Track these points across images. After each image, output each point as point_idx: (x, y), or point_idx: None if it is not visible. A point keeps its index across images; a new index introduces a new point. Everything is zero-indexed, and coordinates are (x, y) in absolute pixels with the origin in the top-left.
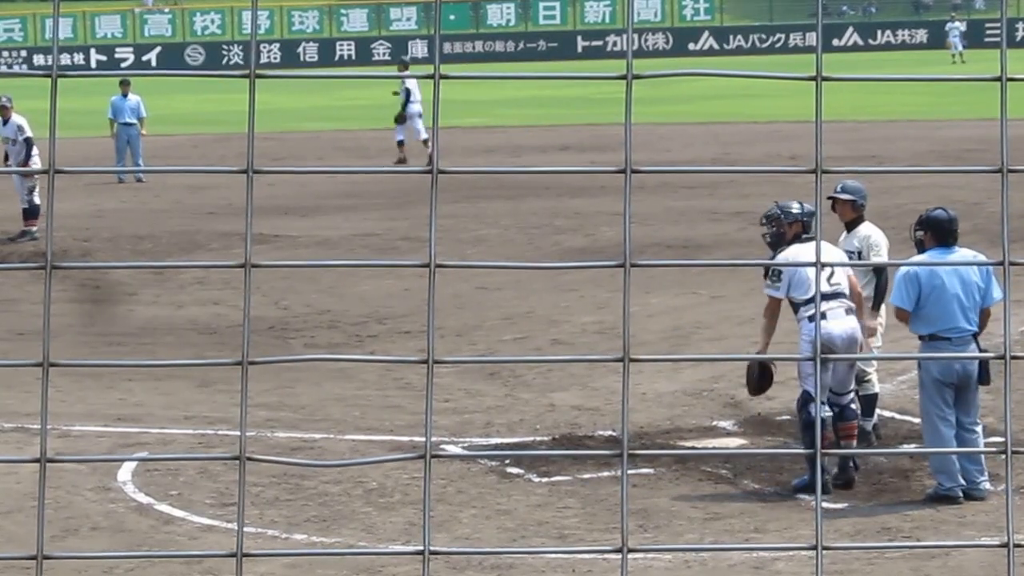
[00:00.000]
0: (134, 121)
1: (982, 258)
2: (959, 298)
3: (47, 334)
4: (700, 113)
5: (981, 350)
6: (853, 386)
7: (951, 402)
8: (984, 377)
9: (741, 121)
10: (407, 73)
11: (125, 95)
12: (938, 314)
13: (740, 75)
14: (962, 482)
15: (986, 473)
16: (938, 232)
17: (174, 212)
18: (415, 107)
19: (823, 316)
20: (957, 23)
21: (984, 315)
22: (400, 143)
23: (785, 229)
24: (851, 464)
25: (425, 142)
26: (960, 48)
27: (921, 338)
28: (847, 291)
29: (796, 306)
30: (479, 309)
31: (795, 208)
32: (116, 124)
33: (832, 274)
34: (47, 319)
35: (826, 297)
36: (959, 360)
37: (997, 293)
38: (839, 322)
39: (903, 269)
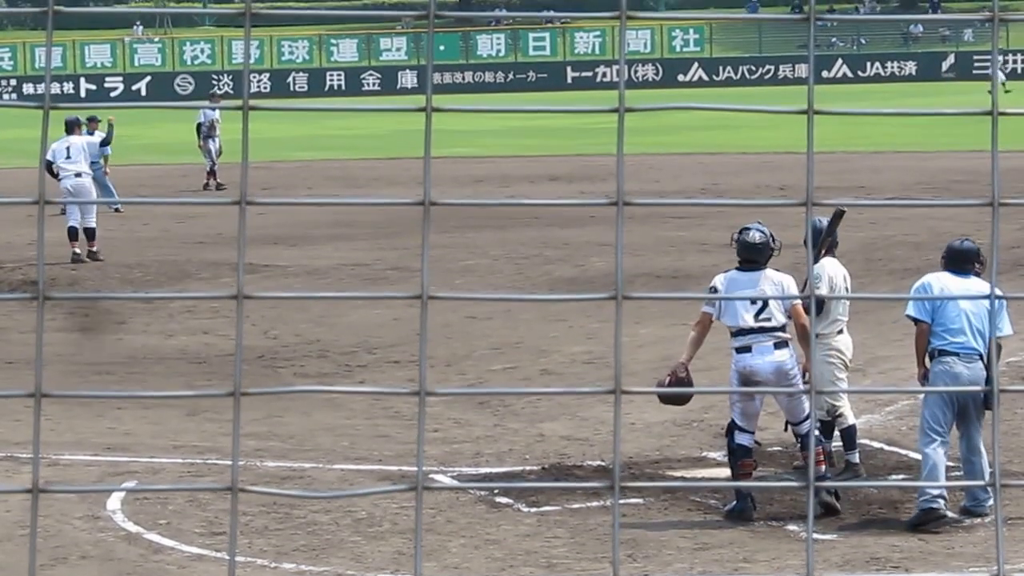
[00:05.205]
0: (97, 159)
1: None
2: (967, 315)
3: (39, 364)
4: (689, 144)
5: (989, 376)
6: (807, 414)
7: (950, 418)
8: (990, 401)
9: (730, 152)
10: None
11: (91, 133)
12: (947, 327)
13: (733, 108)
14: (945, 495)
15: (989, 490)
16: (949, 258)
17: (163, 241)
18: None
19: (748, 349)
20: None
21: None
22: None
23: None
24: (827, 491)
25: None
26: (1003, 78)
27: (929, 353)
28: (779, 324)
29: (731, 334)
30: (468, 339)
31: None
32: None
33: (762, 308)
34: (39, 349)
35: (752, 332)
36: (966, 378)
37: (1006, 328)
38: (764, 356)
39: (916, 283)
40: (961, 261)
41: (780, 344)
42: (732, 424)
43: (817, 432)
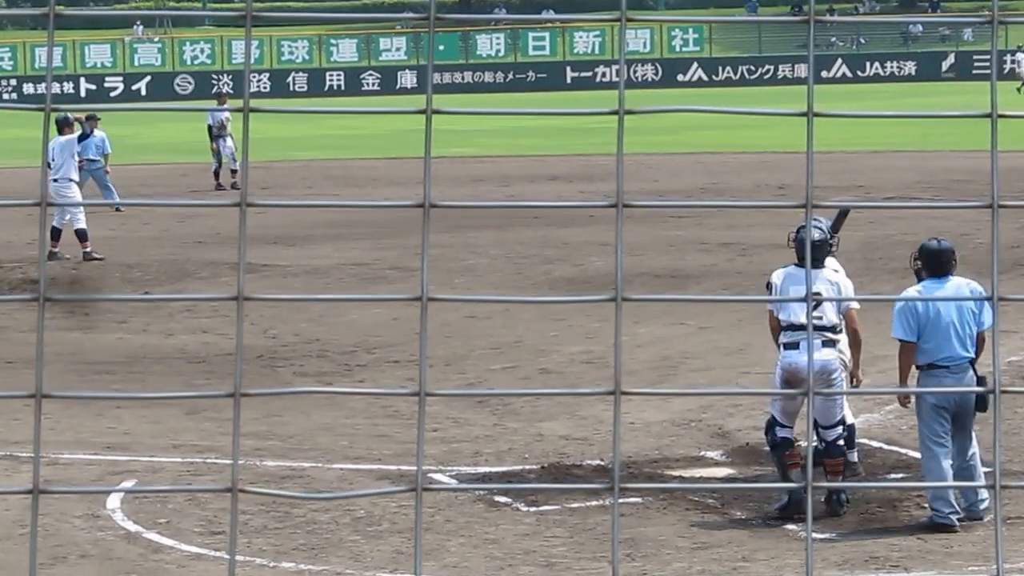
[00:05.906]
0: (98, 158)
1: (975, 285)
2: (955, 326)
3: (40, 365)
4: (687, 143)
5: (979, 377)
6: (840, 419)
7: (948, 428)
8: (982, 404)
9: (729, 151)
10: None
11: (91, 131)
12: (935, 344)
13: (734, 111)
14: (957, 508)
15: (986, 492)
16: (929, 262)
17: (162, 240)
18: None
19: (796, 346)
20: (1021, 53)
21: (980, 340)
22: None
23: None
24: (835, 497)
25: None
26: None
27: (919, 367)
28: (830, 324)
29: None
30: (467, 338)
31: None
32: (80, 159)
33: (816, 305)
34: (40, 350)
35: (803, 328)
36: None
37: (988, 319)
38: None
39: (898, 303)
40: (941, 262)
41: (828, 343)
42: (772, 420)
43: (841, 442)
